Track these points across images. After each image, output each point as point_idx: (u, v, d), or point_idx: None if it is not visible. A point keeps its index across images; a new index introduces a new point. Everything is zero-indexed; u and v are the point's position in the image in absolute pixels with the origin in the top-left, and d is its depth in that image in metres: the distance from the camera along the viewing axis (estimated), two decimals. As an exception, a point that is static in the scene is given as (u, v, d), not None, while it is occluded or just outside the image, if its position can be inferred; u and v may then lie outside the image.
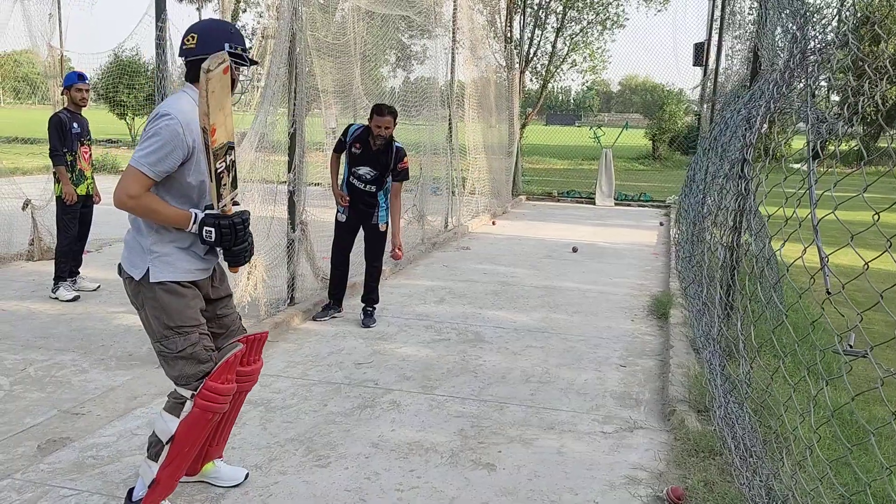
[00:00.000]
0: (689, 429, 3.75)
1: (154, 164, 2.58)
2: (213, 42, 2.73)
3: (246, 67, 2.87)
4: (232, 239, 2.71)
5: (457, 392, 4.40)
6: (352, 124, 5.77)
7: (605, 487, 3.28)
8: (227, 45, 2.74)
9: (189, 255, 2.79)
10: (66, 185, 6.05)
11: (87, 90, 6.25)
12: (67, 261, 6.21)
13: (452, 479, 3.30)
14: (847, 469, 2.98)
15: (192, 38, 2.76)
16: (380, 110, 5.46)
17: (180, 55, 2.83)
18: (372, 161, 5.57)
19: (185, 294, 2.78)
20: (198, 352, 2.77)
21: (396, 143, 5.60)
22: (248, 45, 2.92)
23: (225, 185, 2.71)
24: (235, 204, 2.85)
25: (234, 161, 2.75)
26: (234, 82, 2.77)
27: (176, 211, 2.70)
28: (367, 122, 5.59)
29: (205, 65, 2.49)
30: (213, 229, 2.68)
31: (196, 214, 2.71)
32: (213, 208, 2.72)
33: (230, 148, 2.71)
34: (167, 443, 2.73)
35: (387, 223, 5.80)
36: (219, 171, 2.66)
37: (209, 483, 3.16)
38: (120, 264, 2.82)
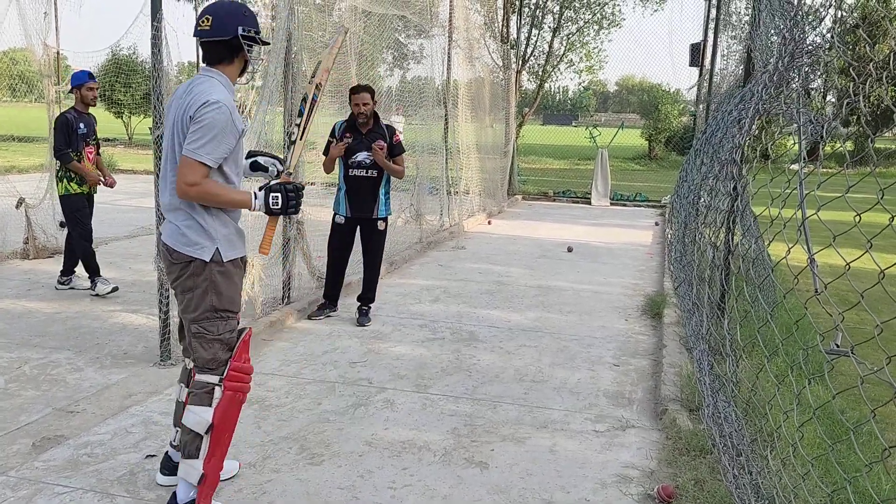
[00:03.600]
0: (681, 428, 3.78)
1: (210, 152, 2.67)
2: (227, 24, 2.77)
3: (258, 48, 2.90)
4: (296, 205, 2.88)
5: (450, 391, 4.43)
6: (336, 122, 5.86)
7: (596, 486, 3.31)
8: (240, 28, 2.79)
9: (240, 234, 2.93)
10: (82, 171, 6.07)
11: (97, 88, 6.30)
12: (92, 255, 6.21)
13: (445, 478, 3.33)
14: (835, 468, 3.01)
15: (207, 19, 2.78)
16: (354, 90, 5.70)
17: (195, 35, 2.85)
18: (366, 145, 5.65)
19: (237, 278, 2.90)
20: (231, 339, 2.89)
21: (384, 122, 5.80)
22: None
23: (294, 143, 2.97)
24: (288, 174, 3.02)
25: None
26: (245, 64, 2.91)
27: (237, 193, 2.82)
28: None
29: (343, 27, 2.90)
30: (279, 195, 2.84)
31: (255, 193, 2.84)
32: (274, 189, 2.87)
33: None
34: (206, 433, 2.78)
35: (385, 219, 5.83)
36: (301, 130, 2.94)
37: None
38: (168, 248, 2.83)
